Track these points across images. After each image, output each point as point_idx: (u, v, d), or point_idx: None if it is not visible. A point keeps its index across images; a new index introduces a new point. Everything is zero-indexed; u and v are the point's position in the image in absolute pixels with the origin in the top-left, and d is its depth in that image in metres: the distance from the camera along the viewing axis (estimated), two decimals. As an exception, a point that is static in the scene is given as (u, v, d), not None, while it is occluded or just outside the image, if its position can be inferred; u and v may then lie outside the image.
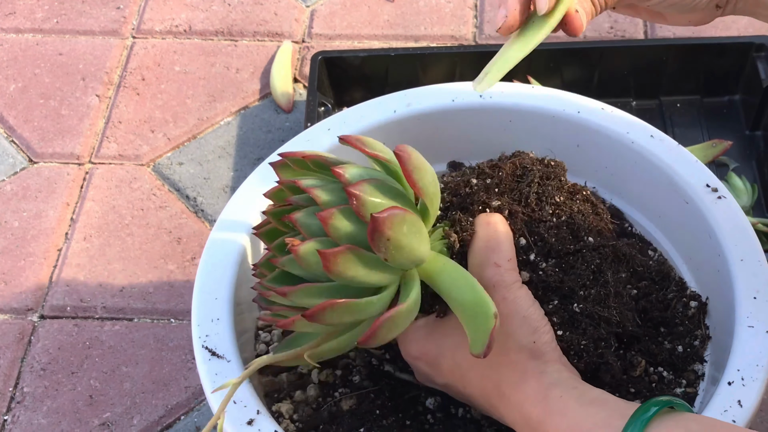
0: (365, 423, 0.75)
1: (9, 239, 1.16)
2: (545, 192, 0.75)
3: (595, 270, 0.73)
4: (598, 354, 0.71)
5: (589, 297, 0.71)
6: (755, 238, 0.77)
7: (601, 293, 0.72)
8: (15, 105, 1.31)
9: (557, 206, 0.75)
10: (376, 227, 0.61)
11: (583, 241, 0.74)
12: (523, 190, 0.75)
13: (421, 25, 1.37)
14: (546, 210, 0.74)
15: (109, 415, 1.00)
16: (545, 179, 0.76)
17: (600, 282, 0.72)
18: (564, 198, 0.76)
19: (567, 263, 0.73)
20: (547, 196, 0.75)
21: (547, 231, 0.73)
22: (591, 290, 0.72)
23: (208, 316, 0.76)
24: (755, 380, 0.69)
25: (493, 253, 0.68)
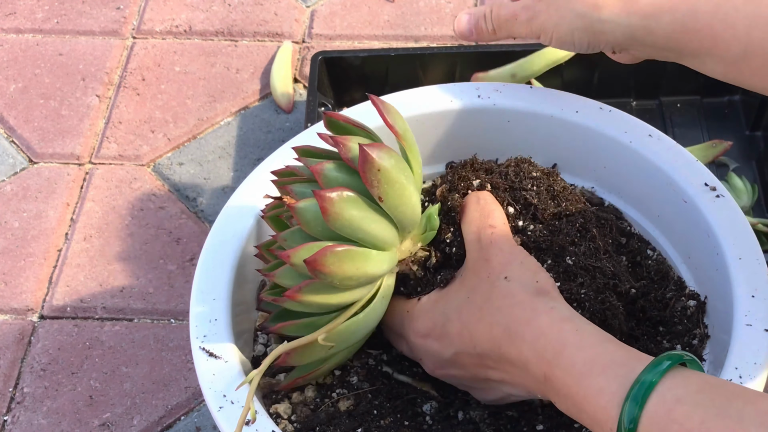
0: (363, 424, 0.75)
1: (9, 239, 1.16)
2: (521, 169, 0.81)
3: (581, 228, 0.76)
4: (599, 300, 0.72)
5: (579, 252, 0.74)
6: (753, 237, 0.77)
7: (591, 247, 0.75)
8: (15, 105, 1.31)
9: (535, 180, 0.80)
10: (366, 158, 0.63)
11: (564, 204, 0.79)
12: (501, 171, 0.81)
13: (421, 26, 1.37)
14: (525, 182, 0.79)
15: (109, 416, 1.00)
16: (520, 163, 0.82)
17: (587, 237, 0.76)
18: (539, 174, 0.81)
19: (553, 226, 0.76)
20: (524, 172, 0.80)
21: (531, 197, 0.78)
22: (580, 246, 0.75)
23: (206, 317, 0.76)
24: (753, 378, 0.69)
25: (488, 218, 0.72)
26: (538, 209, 0.78)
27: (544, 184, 0.80)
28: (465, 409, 0.76)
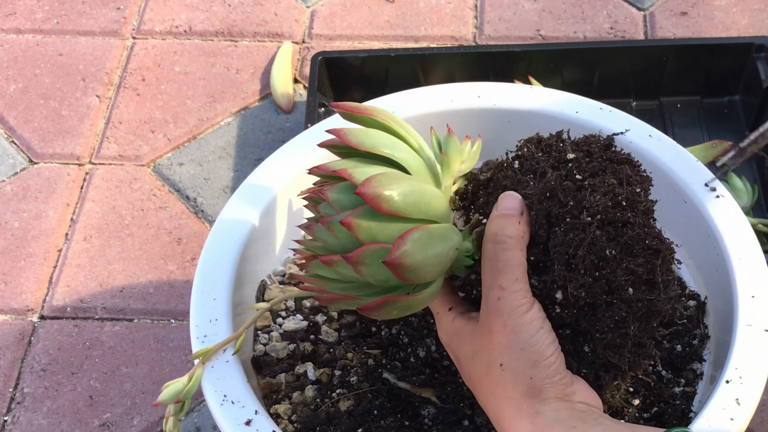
0: (363, 424, 0.75)
1: (9, 239, 1.16)
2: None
3: (619, 320, 0.65)
4: (597, 385, 0.68)
5: (603, 341, 0.65)
6: (754, 237, 0.77)
7: (617, 341, 0.65)
8: (15, 105, 1.31)
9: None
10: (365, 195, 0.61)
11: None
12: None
13: (421, 26, 1.37)
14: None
15: (109, 416, 1.00)
16: (606, 223, 0.64)
17: (620, 332, 0.65)
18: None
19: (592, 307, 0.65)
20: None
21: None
22: (608, 334, 0.65)
23: (207, 317, 0.76)
24: (754, 379, 0.69)
25: (500, 274, 0.63)
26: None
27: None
28: (470, 417, 0.76)
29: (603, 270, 0.62)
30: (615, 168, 0.65)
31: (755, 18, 1.34)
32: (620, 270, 0.62)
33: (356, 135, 0.66)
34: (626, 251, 0.63)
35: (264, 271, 0.87)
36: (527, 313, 0.63)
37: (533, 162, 0.67)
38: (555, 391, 0.63)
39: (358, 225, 0.61)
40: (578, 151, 0.67)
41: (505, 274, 0.63)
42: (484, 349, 0.65)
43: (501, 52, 1.22)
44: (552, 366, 0.63)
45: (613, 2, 1.36)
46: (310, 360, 0.81)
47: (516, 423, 0.63)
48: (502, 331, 0.63)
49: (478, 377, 0.66)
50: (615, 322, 0.64)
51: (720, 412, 0.68)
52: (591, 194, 0.63)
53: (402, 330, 0.82)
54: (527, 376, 0.63)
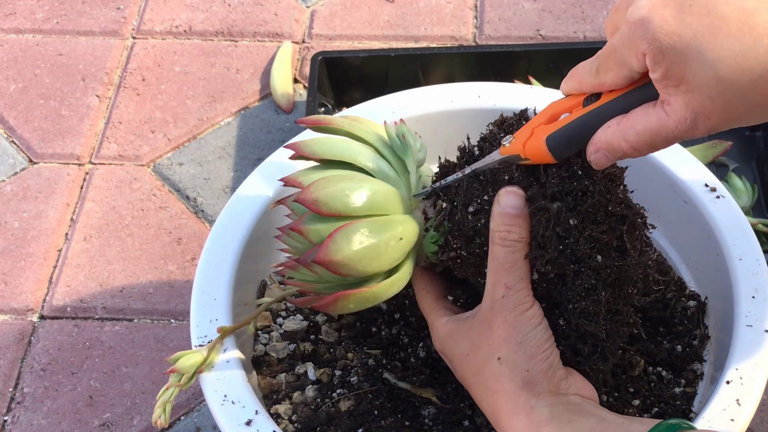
0: (363, 424, 0.75)
1: (9, 239, 1.16)
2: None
3: (589, 287, 0.66)
4: (576, 361, 0.68)
5: (576, 310, 0.66)
6: (754, 238, 0.77)
7: (590, 309, 0.66)
8: (15, 105, 1.31)
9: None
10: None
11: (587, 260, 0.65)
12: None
13: (421, 26, 1.37)
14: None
15: (109, 416, 1.00)
16: (565, 194, 0.65)
17: (591, 299, 0.66)
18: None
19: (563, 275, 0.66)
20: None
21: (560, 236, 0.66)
22: (580, 303, 0.66)
23: (207, 317, 0.76)
24: (754, 379, 0.69)
25: (507, 273, 0.65)
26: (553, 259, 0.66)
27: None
28: (471, 417, 0.76)
29: (567, 240, 0.64)
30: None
31: (755, 18, 1.34)
32: (583, 239, 0.64)
33: (309, 145, 0.71)
34: (588, 219, 0.64)
35: (264, 271, 0.87)
36: (528, 311, 0.65)
37: (494, 144, 0.69)
38: (550, 385, 0.65)
39: (307, 230, 0.67)
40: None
41: (512, 274, 0.65)
42: (483, 344, 0.66)
43: (501, 52, 1.22)
44: (548, 360, 0.65)
45: (613, 2, 1.36)
46: (311, 360, 0.81)
47: (513, 418, 0.64)
48: (503, 326, 0.65)
49: (473, 374, 0.67)
50: (585, 290, 0.65)
51: (720, 412, 0.68)
52: (545, 171, 0.65)
53: (402, 330, 0.82)
54: (524, 369, 0.64)
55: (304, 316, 0.85)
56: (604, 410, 0.64)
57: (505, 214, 0.65)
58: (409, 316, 0.83)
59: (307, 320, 0.84)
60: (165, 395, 0.72)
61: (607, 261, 0.65)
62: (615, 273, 0.65)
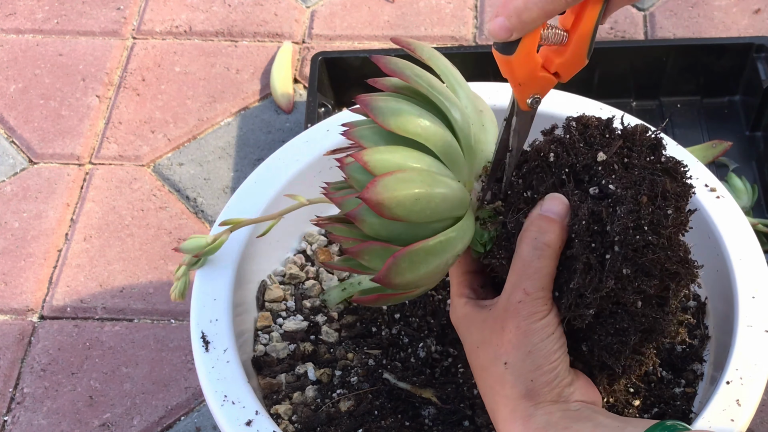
0: (364, 424, 0.75)
1: (9, 240, 1.16)
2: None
3: (619, 329, 0.64)
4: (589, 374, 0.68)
5: (601, 343, 0.65)
6: (754, 238, 0.77)
7: (615, 347, 0.65)
8: (15, 106, 1.31)
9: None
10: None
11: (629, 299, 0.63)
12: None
13: (421, 26, 1.37)
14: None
15: (109, 416, 1.00)
16: (625, 244, 0.62)
17: (619, 339, 0.65)
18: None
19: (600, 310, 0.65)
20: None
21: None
22: (607, 338, 0.65)
23: (207, 317, 0.76)
24: (754, 380, 0.69)
25: (528, 280, 0.64)
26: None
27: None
28: (471, 417, 0.76)
29: (615, 286, 0.62)
30: (653, 180, 0.63)
31: (755, 18, 1.34)
32: (630, 288, 0.62)
33: (383, 113, 0.67)
34: (642, 272, 0.62)
35: (264, 271, 0.87)
36: (543, 320, 0.64)
37: (572, 155, 0.66)
38: (552, 395, 0.64)
39: (363, 220, 0.63)
40: (621, 147, 0.65)
41: (534, 281, 0.64)
42: (492, 343, 0.66)
43: (501, 52, 1.22)
44: (554, 371, 0.64)
45: (613, 2, 1.36)
46: (311, 360, 0.81)
47: (509, 424, 0.64)
48: (515, 332, 0.64)
49: (480, 367, 0.67)
50: (616, 330, 0.64)
51: (720, 413, 0.68)
52: (614, 212, 0.62)
53: (402, 330, 0.82)
54: (528, 379, 0.64)
55: (304, 316, 0.85)
56: (602, 414, 0.64)
57: (542, 216, 0.64)
58: (409, 316, 0.83)
59: (307, 320, 0.84)
60: (179, 271, 0.76)
61: (646, 310, 0.63)
62: (649, 323, 0.63)
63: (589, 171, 0.65)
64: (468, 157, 0.68)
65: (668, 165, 0.64)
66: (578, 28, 0.61)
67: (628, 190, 0.62)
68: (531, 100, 0.64)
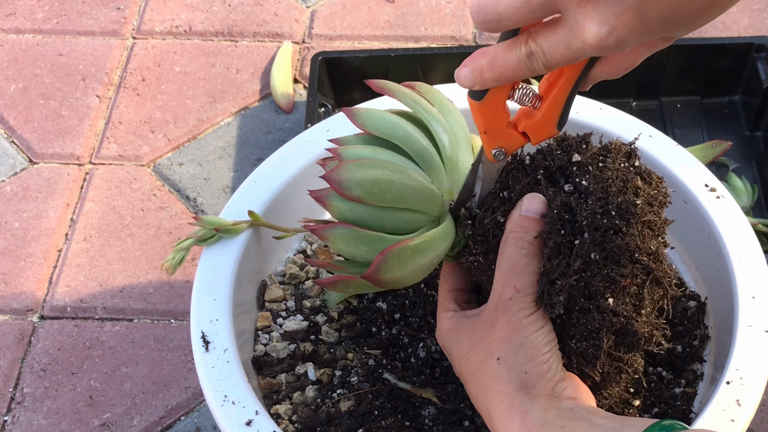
0: (364, 424, 0.75)
1: (9, 240, 1.16)
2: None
3: (592, 329, 0.65)
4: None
5: (576, 350, 0.66)
6: (754, 238, 0.77)
7: (589, 352, 0.66)
8: (15, 105, 1.31)
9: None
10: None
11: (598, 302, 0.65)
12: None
13: (421, 26, 1.37)
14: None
15: (109, 416, 1.00)
16: (594, 229, 0.63)
17: (592, 342, 0.66)
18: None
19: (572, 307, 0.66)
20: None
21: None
22: (581, 343, 0.66)
23: (207, 317, 0.76)
24: (754, 379, 0.69)
25: (518, 276, 0.66)
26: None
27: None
28: (471, 417, 0.76)
29: (585, 272, 0.63)
30: (625, 178, 0.65)
31: (755, 18, 1.34)
32: (600, 275, 0.63)
33: (361, 116, 0.71)
34: (611, 259, 0.63)
35: (264, 271, 0.87)
36: (532, 315, 0.66)
37: (548, 158, 0.68)
38: (546, 388, 0.65)
39: (330, 204, 0.67)
40: (595, 155, 0.67)
41: (522, 278, 0.66)
42: (484, 342, 0.67)
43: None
44: (546, 363, 0.65)
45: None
46: (311, 360, 0.81)
47: (507, 420, 0.65)
48: (505, 327, 0.66)
49: (471, 371, 0.68)
50: (588, 331, 0.65)
51: (721, 413, 0.68)
52: (584, 202, 0.64)
53: (402, 330, 0.82)
54: (522, 371, 0.65)
55: (304, 316, 0.85)
56: (598, 414, 0.64)
57: (524, 216, 0.66)
58: (409, 316, 0.83)
59: (307, 320, 0.84)
60: (183, 243, 0.77)
61: (618, 307, 0.64)
62: (621, 322, 0.64)
63: (564, 171, 0.67)
64: (450, 171, 0.72)
65: (642, 170, 0.66)
66: (550, 96, 0.62)
67: (599, 184, 0.64)
68: (496, 152, 0.66)
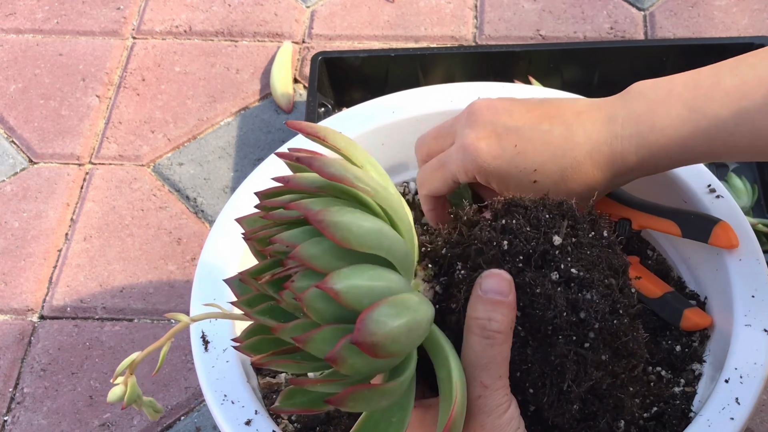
0: (363, 423, 0.75)
1: (9, 240, 1.16)
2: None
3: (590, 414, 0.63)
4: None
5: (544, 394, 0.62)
6: (754, 237, 0.77)
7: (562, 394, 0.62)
8: (15, 105, 1.31)
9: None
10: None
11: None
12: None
13: (421, 26, 1.37)
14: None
15: (109, 416, 1.00)
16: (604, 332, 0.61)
17: (588, 424, 0.64)
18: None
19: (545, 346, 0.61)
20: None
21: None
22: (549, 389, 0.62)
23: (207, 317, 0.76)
24: (753, 378, 0.69)
25: (484, 371, 0.58)
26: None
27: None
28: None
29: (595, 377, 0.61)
30: (608, 259, 0.61)
31: (755, 18, 1.34)
32: (606, 372, 0.62)
33: (339, 228, 0.55)
34: (616, 355, 0.61)
35: (264, 271, 0.87)
36: (506, 413, 0.59)
37: (522, 241, 0.61)
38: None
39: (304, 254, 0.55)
40: (567, 228, 0.62)
41: (489, 371, 0.59)
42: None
43: (501, 52, 1.22)
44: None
45: (613, 2, 1.36)
46: (310, 360, 0.81)
47: None
48: (479, 430, 0.59)
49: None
50: (585, 416, 0.63)
51: (720, 411, 0.68)
52: (586, 298, 0.60)
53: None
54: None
55: (303, 315, 0.84)
56: None
57: (486, 299, 0.58)
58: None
59: (307, 320, 0.84)
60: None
61: (612, 390, 0.63)
62: (615, 401, 0.64)
63: (545, 256, 0.61)
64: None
65: (610, 240, 0.63)
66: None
67: (590, 273, 0.60)
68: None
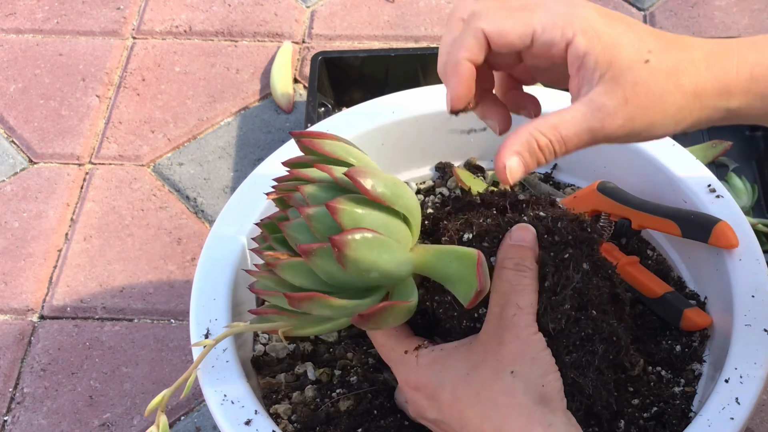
0: (363, 423, 0.75)
1: (9, 240, 1.16)
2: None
3: (585, 338, 0.67)
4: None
5: (571, 360, 0.67)
6: (753, 237, 0.77)
7: (583, 360, 0.67)
8: (15, 105, 1.31)
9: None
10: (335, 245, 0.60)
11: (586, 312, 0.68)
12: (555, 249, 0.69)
13: (421, 26, 1.37)
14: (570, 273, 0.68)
15: (109, 416, 1.00)
16: (579, 243, 0.69)
17: (586, 349, 0.67)
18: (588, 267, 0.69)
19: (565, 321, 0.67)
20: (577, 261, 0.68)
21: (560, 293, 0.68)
22: (574, 354, 0.67)
23: (207, 317, 0.76)
24: (753, 378, 0.69)
25: (519, 295, 0.65)
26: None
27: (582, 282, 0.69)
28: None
29: (578, 284, 0.67)
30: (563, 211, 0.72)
31: (755, 18, 1.34)
32: (591, 284, 0.67)
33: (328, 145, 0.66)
34: (596, 271, 0.69)
35: (264, 271, 0.87)
36: (537, 333, 0.65)
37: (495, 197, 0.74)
38: (562, 404, 0.64)
39: (342, 210, 0.60)
40: (528, 200, 0.73)
41: (524, 296, 0.65)
42: (490, 360, 0.64)
43: (501, 52, 1.22)
44: (558, 380, 0.65)
45: (613, 2, 1.36)
46: (310, 360, 0.81)
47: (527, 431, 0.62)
48: (515, 342, 0.64)
49: (475, 392, 0.65)
50: (581, 339, 0.66)
51: (720, 411, 0.68)
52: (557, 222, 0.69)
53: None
54: (539, 384, 0.63)
55: (303, 315, 0.85)
56: None
57: (516, 245, 0.67)
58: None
59: (307, 320, 0.84)
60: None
61: (605, 317, 0.68)
62: (608, 331, 0.67)
63: (515, 207, 0.72)
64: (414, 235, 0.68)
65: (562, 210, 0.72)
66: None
67: (557, 211, 0.71)
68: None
